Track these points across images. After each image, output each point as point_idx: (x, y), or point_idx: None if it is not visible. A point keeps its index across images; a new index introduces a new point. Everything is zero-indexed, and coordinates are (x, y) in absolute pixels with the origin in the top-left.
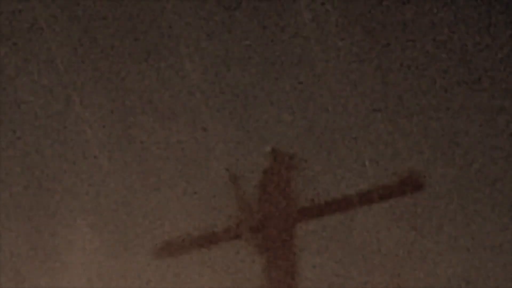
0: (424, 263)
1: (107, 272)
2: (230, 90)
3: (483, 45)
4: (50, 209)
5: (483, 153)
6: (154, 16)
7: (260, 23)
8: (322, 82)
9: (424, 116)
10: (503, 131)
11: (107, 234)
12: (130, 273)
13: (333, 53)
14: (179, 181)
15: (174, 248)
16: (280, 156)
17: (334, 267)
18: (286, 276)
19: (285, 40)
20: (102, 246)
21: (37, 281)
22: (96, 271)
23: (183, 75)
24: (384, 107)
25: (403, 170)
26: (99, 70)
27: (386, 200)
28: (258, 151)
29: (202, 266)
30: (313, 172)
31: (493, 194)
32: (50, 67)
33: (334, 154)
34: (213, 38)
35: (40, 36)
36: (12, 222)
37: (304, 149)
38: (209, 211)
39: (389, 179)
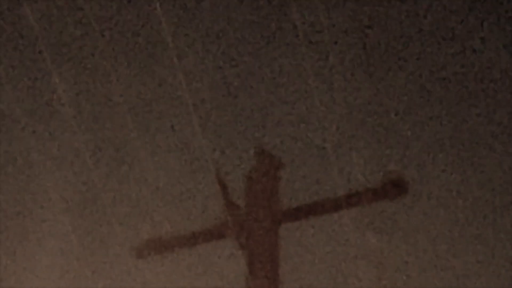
0: (408, 266)
1: (87, 270)
2: (218, 91)
3: (474, 49)
4: (29, 209)
5: (469, 157)
6: (146, 18)
7: (251, 25)
8: (310, 83)
9: (410, 120)
10: (488, 135)
11: (88, 232)
12: (111, 272)
13: (323, 54)
14: (165, 180)
15: (157, 247)
16: (267, 157)
17: (317, 268)
18: (269, 276)
19: (274, 42)
20: (83, 244)
21: (11, 280)
22: (75, 270)
23: (170, 76)
24: (371, 110)
25: (388, 173)
26: (85, 65)
27: (371, 203)
28: (244, 152)
29: (186, 265)
30: (299, 173)
31: (478, 198)
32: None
33: (320, 156)
34: (202, 40)
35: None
36: None
37: (290, 150)
38: (194, 210)
39: (374, 182)
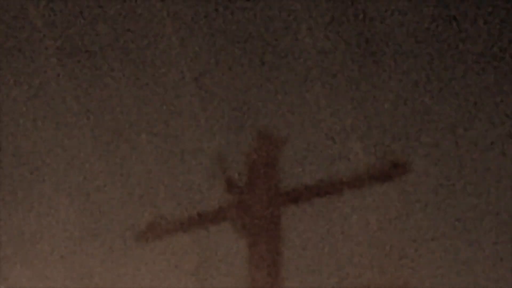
0: (410, 248)
1: (87, 255)
2: (218, 73)
3: (470, 37)
4: (31, 195)
5: (469, 138)
6: (145, 13)
7: (248, 16)
8: (310, 65)
9: (411, 100)
10: (488, 117)
11: (88, 217)
12: (112, 256)
13: (322, 36)
14: (166, 163)
15: (159, 231)
16: (267, 138)
17: (319, 250)
18: (271, 259)
19: (272, 27)
20: (84, 229)
21: (14, 267)
22: (75, 255)
23: (171, 60)
24: (372, 91)
25: (388, 154)
26: (88, 58)
27: (373, 184)
28: (245, 133)
29: (186, 248)
30: (300, 155)
31: (481, 178)
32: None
33: (321, 138)
34: (201, 27)
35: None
36: None
37: (291, 132)
38: (194, 193)
39: (374, 164)
